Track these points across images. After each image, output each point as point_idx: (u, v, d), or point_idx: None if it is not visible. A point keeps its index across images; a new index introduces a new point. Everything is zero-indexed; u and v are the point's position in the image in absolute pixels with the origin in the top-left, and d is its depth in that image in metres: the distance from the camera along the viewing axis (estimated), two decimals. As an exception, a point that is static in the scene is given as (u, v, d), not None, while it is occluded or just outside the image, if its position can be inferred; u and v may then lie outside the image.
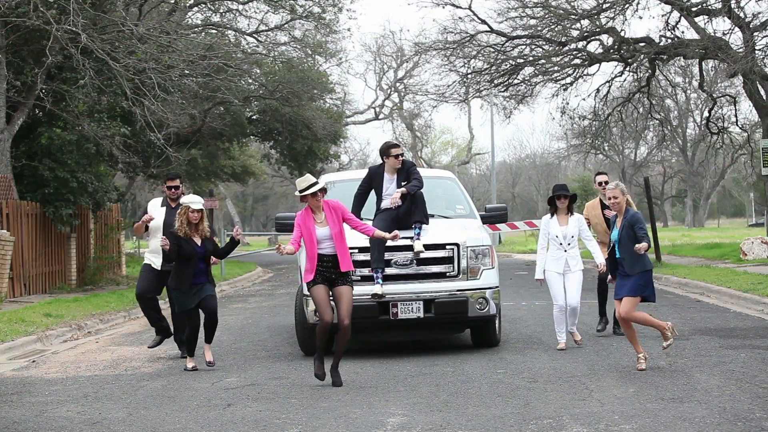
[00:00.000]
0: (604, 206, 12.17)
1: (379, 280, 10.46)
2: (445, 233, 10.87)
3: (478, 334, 11.25)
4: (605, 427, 7.00)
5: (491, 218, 12.22)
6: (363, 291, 10.31)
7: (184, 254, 10.34)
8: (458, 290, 10.61)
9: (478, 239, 10.89)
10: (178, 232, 10.34)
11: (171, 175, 11.81)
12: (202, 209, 10.45)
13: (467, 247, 10.70)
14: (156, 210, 11.63)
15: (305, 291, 10.53)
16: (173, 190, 11.58)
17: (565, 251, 11.13)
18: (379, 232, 9.64)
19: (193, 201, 10.42)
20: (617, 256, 9.59)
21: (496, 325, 11.15)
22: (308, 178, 9.34)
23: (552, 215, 11.30)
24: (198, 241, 10.42)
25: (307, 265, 9.38)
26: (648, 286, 9.52)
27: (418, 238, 10.56)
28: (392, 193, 10.99)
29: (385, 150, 11.23)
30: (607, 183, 12.07)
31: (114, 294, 18.97)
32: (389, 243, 10.26)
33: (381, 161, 11.39)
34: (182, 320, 10.83)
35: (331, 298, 9.26)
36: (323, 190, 9.31)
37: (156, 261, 11.37)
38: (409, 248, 10.54)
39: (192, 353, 10.51)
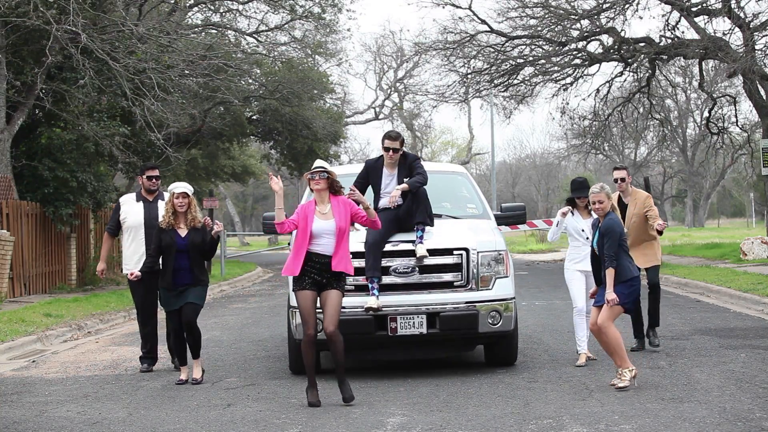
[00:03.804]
0: (621, 204, 10.86)
1: (375, 291, 9.06)
2: (453, 236, 9.47)
3: (491, 351, 9.93)
4: (605, 427, 7.00)
5: (508, 219, 10.83)
6: (357, 303, 9.06)
7: (163, 246, 9.37)
8: (467, 302, 9.21)
9: (491, 243, 9.48)
10: (161, 223, 9.47)
11: (150, 165, 10.72)
12: (189, 195, 9.40)
13: (478, 252, 9.30)
14: (131, 206, 10.54)
15: (293, 302, 9.15)
16: (153, 180, 10.51)
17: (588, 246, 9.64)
18: (372, 211, 8.57)
19: (178, 186, 9.47)
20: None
21: (513, 341, 9.82)
22: (323, 163, 8.42)
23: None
24: (183, 232, 9.38)
25: (290, 258, 8.29)
26: (629, 295, 8.59)
27: (421, 242, 9.20)
28: (392, 191, 9.57)
29: (382, 140, 9.83)
30: (623, 180, 10.94)
31: (114, 294, 18.96)
32: (388, 248, 9.23)
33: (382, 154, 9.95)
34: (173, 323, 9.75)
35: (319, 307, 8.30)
36: (328, 179, 8.27)
37: (133, 266, 10.21)
38: (411, 254, 9.21)
39: (183, 362, 9.61)
